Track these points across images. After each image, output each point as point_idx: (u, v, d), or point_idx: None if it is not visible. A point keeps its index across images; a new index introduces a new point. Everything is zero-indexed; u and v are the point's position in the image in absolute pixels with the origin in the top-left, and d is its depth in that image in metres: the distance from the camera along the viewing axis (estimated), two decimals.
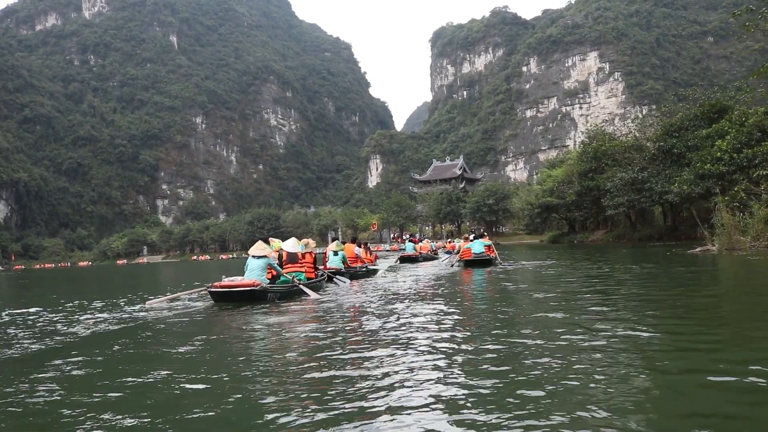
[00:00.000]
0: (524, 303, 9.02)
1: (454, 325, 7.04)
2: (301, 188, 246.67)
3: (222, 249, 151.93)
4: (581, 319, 6.78)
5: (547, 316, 7.16)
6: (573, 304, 8.44)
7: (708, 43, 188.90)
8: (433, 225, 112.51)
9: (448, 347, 5.44)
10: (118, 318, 9.49)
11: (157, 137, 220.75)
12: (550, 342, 5.43)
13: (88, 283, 29.20)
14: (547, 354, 4.89)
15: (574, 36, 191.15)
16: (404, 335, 6.28)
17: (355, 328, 7.17)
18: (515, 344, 5.45)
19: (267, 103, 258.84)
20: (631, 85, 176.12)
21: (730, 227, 19.06)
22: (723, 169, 30.12)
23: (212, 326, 8.28)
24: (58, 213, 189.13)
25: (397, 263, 26.85)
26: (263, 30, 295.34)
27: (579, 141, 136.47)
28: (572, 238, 59.54)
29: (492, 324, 6.98)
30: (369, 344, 5.85)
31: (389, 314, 8.15)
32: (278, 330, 7.41)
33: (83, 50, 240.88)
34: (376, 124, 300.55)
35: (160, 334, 7.82)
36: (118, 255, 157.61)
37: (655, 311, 7.31)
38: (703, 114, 36.77)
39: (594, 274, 14.14)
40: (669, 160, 38.27)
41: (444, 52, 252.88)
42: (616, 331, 5.75)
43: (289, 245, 13.37)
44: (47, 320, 9.70)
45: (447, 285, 13.85)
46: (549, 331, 6.11)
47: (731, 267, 14.64)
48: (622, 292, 9.77)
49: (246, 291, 10.42)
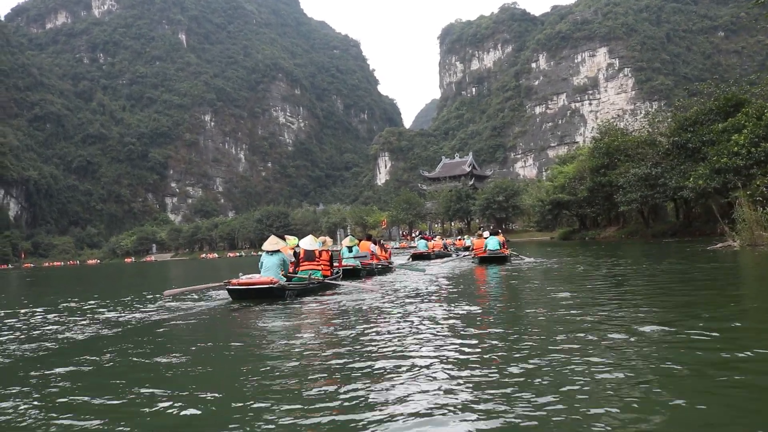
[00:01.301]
0: (559, 305, 8.49)
1: (475, 326, 6.76)
2: (310, 186, 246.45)
3: (231, 247, 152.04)
4: (621, 321, 6.41)
5: (588, 318, 6.79)
6: (610, 305, 8.01)
7: (719, 38, 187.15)
8: (442, 222, 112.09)
9: (467, 351, 5.15)
10: (118, 321, 9.20)
11: (166, 135, 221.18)
12: (592, 346, 5.07)
13: (95, 281, 28.98)
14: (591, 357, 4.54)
15: (584, 32, 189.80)
16: (419, 335, 6.12)
17: (371, 327, 6.93)
18: (548, 349, 5.11)
19: (276, 100, 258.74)
20: (641, 80, 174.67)
21: (752, 222, 18.56)
22: (740, 163, 29.63)
23: (231, 323, 8.30)
24: (68, 211, 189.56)
25: (410, 261, 26.51)
26: (272, 28, 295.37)
27: (589, 137, 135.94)
28: (584, 234, 59.06)
29: (522, 326, 6.65)
30: (385, 345, 5.63)
31: (405, 314, 7.92)
32: (296, 329, 7.26)
33: (93, 48, 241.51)
34: (385, 121, 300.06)
35: (176, 331, 7.78)
36: (127, 253, 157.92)
37: (703, 314, 6.90)
38: (718, 108, 36.22)
39: (619, 272, 13.69)
40: (683, 154, 37.73)
41: (453, 49, 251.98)
42: (669, 338, 5.37)
43: (307, 242, 13.14)
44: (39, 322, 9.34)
45: (462, 283, 13.57)
46: (590, 333, 5.75)
47: (761, 264, 14.17)
48: (657, 292, 9.35)
49: (264, 288, 10.37)
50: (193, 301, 11.24)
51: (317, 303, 10.16)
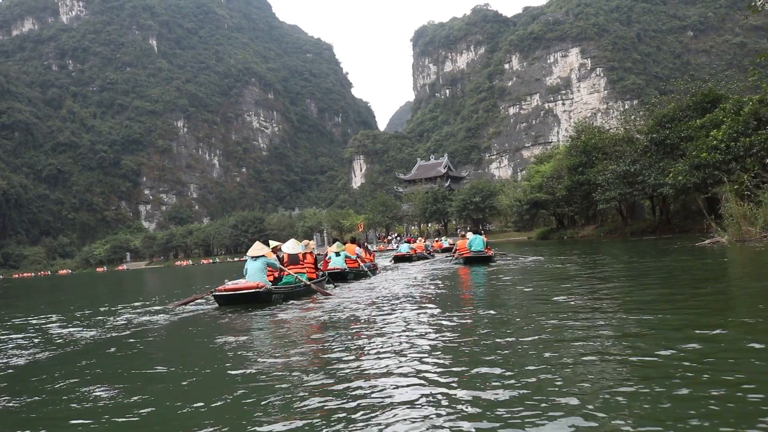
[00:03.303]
0: (563, 308, 8.00)
1: (463, 325, 6.69)
2: (285, 190, 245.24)
3: (206, 253, 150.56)
4: (644, 327, 5.92)
5: (596, 322, 6.29)
6: (614, 304, 7.58)
7: (688, 37, 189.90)
8: (419, 224, 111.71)
9: (455, 351, 5.16)
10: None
11: (138, 142, 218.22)
12: (599, 352, 4.56)
13: (54, 293, 28.15)
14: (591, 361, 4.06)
15: (556, 32, 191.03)
16: (406, 336, 6.12)
17: (360, 330, 6.88)
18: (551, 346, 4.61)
19: (249, 105, 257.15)
20: (613, 80, 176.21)
21: (740, 217, 18.27)
22: (720, 158, 29.57)
23: (219, 330, 8.08)
24: (39, 221, 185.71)
25: (392, 263, 26.18)
26: (244, 32, 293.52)
27: (563, 137, 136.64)
28: (562, 234, 58.97)
29: (524, 331, 6.13)
30: (374, 347, 5.59)
31: (395, 316, 7.87)
32: (285, 333, 7.26)
33: (61, 55, 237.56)
34: (359, 124, 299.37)
35: (163, 339, 7.83)
36: (101, 262, 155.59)
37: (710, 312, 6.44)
38: (695, 104, 36.22)
39: (609, 270, 13.33)
40: (662, 151, 37.63)
41: (426, 51, 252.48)
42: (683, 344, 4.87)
43: (289, 246, 13.13)
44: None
45: (448, 284, 13.37)
46: (596, 339, 5.24)
47: (754, 260, 13.82)
48: (669, 293, 8.89)
49: (251, 293, 10.38)
50: (181, 308, 11.08)
51: (304, 306, 10.18)
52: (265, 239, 12.63)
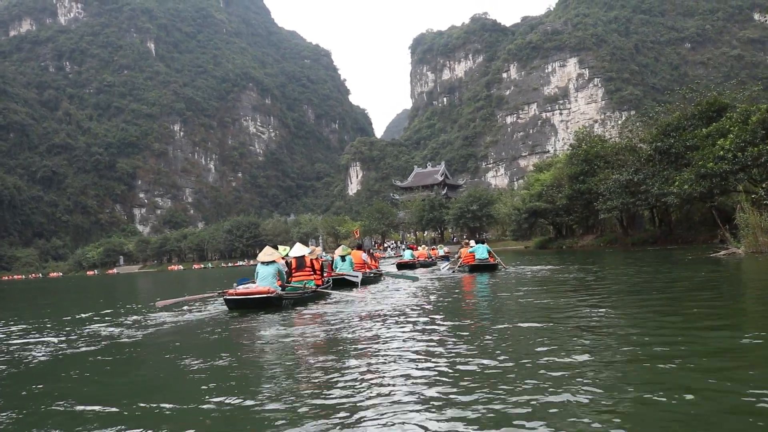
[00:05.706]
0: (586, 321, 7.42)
1: (470, 335, 6.65)
2: (281, 196, 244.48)
3: (201, 258, 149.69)
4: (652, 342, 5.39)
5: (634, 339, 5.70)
6: (632, 322, 7.15)
7: (685, 49, 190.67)
8: (415, 232, 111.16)
9: (463, 362, 4.99)
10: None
11: (134, 145, 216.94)
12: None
13: (34, 297, 27.43)
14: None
15: (554, 42, 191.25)
16: (417, 341, 6.21)
17: (367, 337, 6.89)
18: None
19: (246, 110, 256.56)
20: (611, 90, 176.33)
21: (756, 228, 17.65)
22: (727, 168, 28.99)
23: (230, 334, 8.16)
24: (32, 222, 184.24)
25: (395, 270, 25.74)
26: (242, 37, 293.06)
27: (560, 147, 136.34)
28: (560, 243, 58.37)
29: (524, 338, 6.00)
30: (381, 356, 5.50)
31: (401, 323, 7.89)
32: (294, 339, 7.18)
33: (59, 57, 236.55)
34: (356, 131, 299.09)
35: (177, 341, 7.80)
36: (94, 265, 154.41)
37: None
38: (701, 113, 35.70)
39: (638, 283, 12.69)
40: (666, 160, 37.05)
41: (424, 59, 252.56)
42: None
43: (296, 250, 13.25)
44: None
45: (454, 293, 13.26)
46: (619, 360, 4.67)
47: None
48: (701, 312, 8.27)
49: (261, 298, 10.60)
50: (190, 311, 11.28)
51: (313, 311, 10.26)
52: (275, 245, 12.55)
